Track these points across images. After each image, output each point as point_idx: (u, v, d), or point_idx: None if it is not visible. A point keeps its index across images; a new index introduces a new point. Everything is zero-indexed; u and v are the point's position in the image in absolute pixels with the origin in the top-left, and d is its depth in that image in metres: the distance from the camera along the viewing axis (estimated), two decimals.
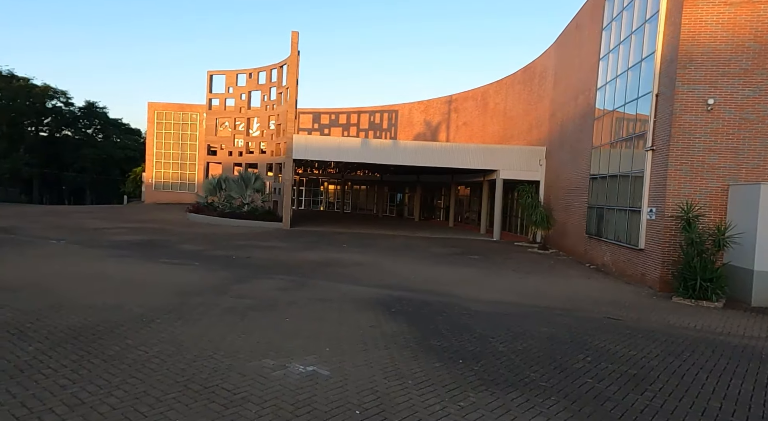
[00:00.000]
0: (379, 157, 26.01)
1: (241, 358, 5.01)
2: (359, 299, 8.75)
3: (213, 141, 35.65)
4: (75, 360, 4.69)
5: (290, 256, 15.88)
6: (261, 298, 8.34)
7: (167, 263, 12.74)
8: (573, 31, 20.49)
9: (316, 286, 10.04)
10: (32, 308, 6.57)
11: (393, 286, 11.02)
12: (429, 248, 19.75)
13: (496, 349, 5.88)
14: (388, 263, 15.12)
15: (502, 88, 31.85)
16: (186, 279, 9.92)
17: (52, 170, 64.53)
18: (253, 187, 28.68)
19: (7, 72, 57.74)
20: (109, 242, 17.44)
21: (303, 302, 8.19)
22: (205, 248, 17.06)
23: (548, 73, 24.32)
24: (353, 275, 12.52)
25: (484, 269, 14.56)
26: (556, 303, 9.87)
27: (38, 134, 65.31)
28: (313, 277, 11.60)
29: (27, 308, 6.52)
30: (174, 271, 11.21)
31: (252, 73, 33.94)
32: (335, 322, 6.84)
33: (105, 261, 12.15)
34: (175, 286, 9.02)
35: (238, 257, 14.99)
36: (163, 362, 4.78)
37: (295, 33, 25.99)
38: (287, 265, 13.79)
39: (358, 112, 46.17)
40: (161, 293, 8.25)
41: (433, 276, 12.93)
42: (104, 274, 10.05)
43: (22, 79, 59.29)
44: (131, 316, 6.48)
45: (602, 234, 15.20)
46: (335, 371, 4.73)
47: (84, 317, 6.27)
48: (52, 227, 22.32)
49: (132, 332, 5.73)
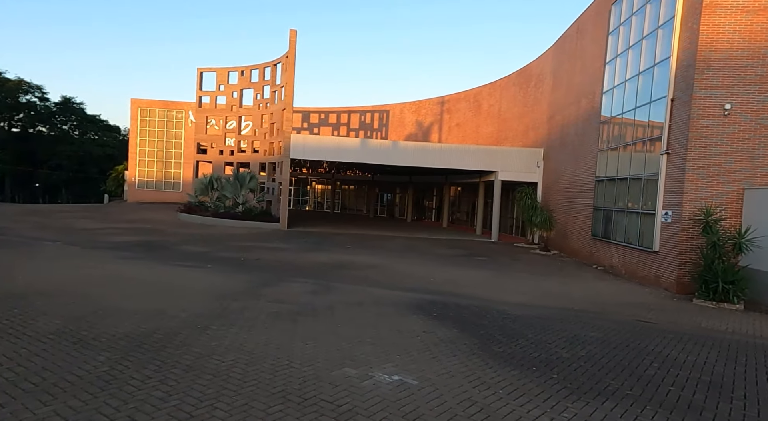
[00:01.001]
0: (378, 158, 25.90)
1: (320, 367, 4.86)
2: (394, 303, 8.65)
3: (203, 139, 34.89)
4: (155, 370, 4.47)
5: (299, 258, 15.65)
6: (297, 302, 8.17)
7: (180, 265, 12.39)
8: (574, 36, 20.79)
9: (343, 290, 9.89)
10: (76, 314, 6.26)
11: (417, 289, 10.95)
12: (433, 250, 19.75)
13: (560, 355, 5.87)
14: (399, 264, 15.04)
15: (496, 90, 32.11)
16: (210, 283, 9.65)
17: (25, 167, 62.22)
18: (247, 187, 28.20)
19: None
20: (107, 243, 16.89)
21: (341, 306, 8.05)
22: (209, 249, 16.68)
23: (546, 77, 24.62)
24: (371, 277, 12.40)
25: (496, 271, 14.63)
26: (583, 306, 9.96)
27: (10, 130, 62.88)
28: (333, 280, 11.43)
29: (71, 315, 6.21)
30: (192, 274, 10.89)
31: (244, 71, 33.35)
32: (388, 328, 6.73)
33: (116, 263, 11.73)
34: (205, 290, 8.76)
35: (246, 259, 14.70)
36: (245, 372, 4.60)
37: (293, 31, 25.66)
38: (301, 267, 13.57)
39: (349, 111, 45.92)
40: (195, 298, 7.99)
41: (450, 278, 12.91)
42: (124, 277, 9.69)
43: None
44: (182, 322, 6.24)
45: (610, 236, 15.46)
46: (422, 381, 4.63)
47: (135, 323, 6.00)
48: (39, 227, 21.50)
49: (193, 340, 5.51)
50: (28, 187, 64.89)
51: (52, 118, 66.22)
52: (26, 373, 4.26)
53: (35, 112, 63.66)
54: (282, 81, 30.57)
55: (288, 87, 25.76)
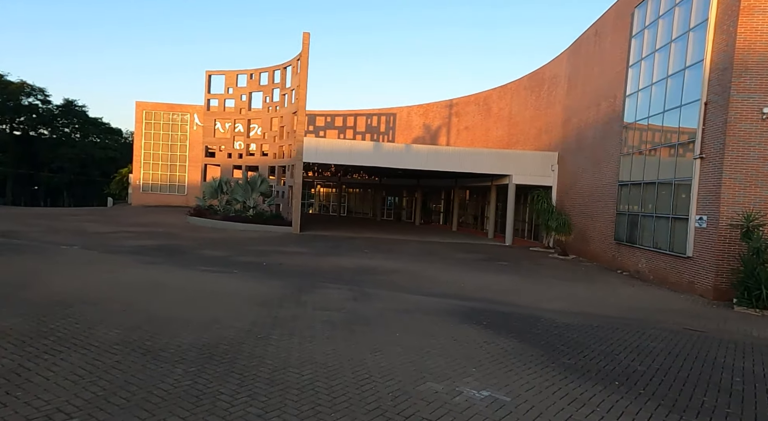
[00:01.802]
0: (391, 161, 25.73)
1: (401, 381, 4.67)
2: (438, 310, 8.46)
3: (211, 143, 34.68)
4: (239, 385, 4.27)
5: (321, 262, 15.45)
6: (344, 310, 7.96)
7: (206, 270, 12.17)
8: (591, 39, 20.71)
9: (381, 296, 9.69)
10: (131, 323, 6.05)
11: (452, 295, 10.77)
12: (451, 254, 19.58)
13: (634, 368, 5.70)
14: (423, 269, 14.85)
15: (506, 94, 32.03)
16: (245, 289, 9.44)
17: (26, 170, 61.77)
18: (258, 190, 27.97)
19: None
20: (124, 247, 16.64)
21: (390, 314, 7.85)
22: (228, 253, 16.47)
23: (560, 80, 24.54)
24: (400, 283, 12.21)
25: (523, 276, 14.45)
26: (626, 313, 9.79)
27: (12, 132, 62.45)
28: (366, 286, 11.24)
29: (127, 324, 6.00)
30: (222, 280, 10.68)
31: (253, 74, 33.17)
32: (446, 337, 6.54)
33: (143, 269, 11.50)
34: (243, 296, 8.55)
35: (269, 264, 14.50)
36: (330, 386, 4.40)
37: (306, 34, 25.50)
38: (327, 273, 13.37)
39: (355, 114, 45.72)
40: (239, 305, 7.79)
41: (480, 284, 12.73)
42: (157, 283, 9.47)
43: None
44: (241, 332, 6.04)
45: (636, 241, 15.31)
46: (514, 397, 4.44)
47: (195, 333, 5.80)
48: (51, 231, 21.23)
49: (261, 351, 5.31)
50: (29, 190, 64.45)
51: (54, 120, 65.82)
52: (111, 387, 4.06)
53: (37, 115, 63.28)
54: (293, 84, 30.40)
55: (301, 90, 25.59)
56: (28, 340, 5.16)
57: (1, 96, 56.83)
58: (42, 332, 5.45)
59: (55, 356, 4.73)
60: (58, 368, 4.41)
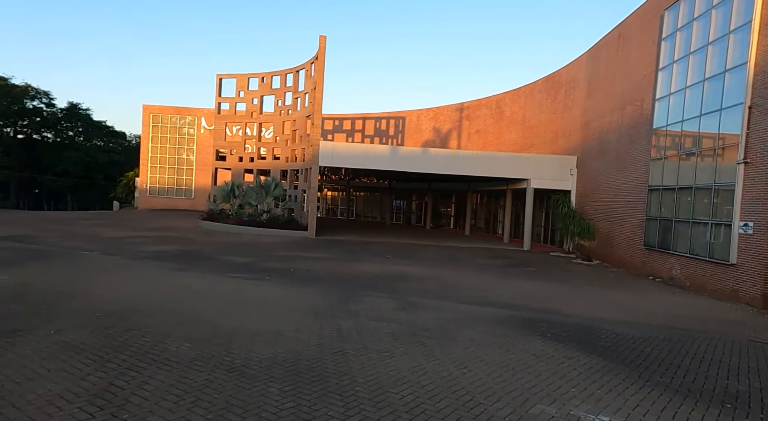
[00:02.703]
0: (408, 165, 25.48)
1: (509, 403, 4.40)
2: (494, 321, 8.19)
3: (222, 146, 34.40)
4: (344, 406, 4.01)
5: (348, 269, 15.17)
6: (400, 321, 7.68)
7: (240, 277, 11.89)
8: (614, 43, 20.53)
9: (428, 305, 9.40)
10: (196, 336, 5.77)
11: (496, 303, 10.50)
12: (474, 259, 19.33)
13: (735, 388, 5.42)
14: (454, 276, 14.57)
15: (520, 97, 31.86)
16: (288, 297, 9.15)
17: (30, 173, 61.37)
18: (272, 194, 27.68)
19: None
20: (146, 253, 16.34)
21: (449, 325, 7.57)
22: (252, 259, 16.19)
23: (579, 83, 24.36)
24: (437, 290, 11.94)
25: (557, 283, 14.18)
26: (681, 323, 9.52)
27: (16, 136, 62.10)
28: (406, 294, 10.97)
29: (192, 337, 5.72)
30: (260, 287, 10.38)
31: (265, 78, 32.95)
32: (522, 351, 6.26)
33: (176, 276, 11.20)
34: (293, 306, 8.27)
35: (296, 270, 14.22)
36: (438, 409, 4.13)
37: (323, 37, 25.29)
38: (359, 279, 13.09)
39: (363, 118, 45.50)
40: (294, 315, 7.51)
41: (517, 291, 12.46)
42: (197, 291, 9.18)
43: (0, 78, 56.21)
44: (312, 346, 5.76)
45: (669, 246, 15.07)
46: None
47: (268, 347, 5.52)
48: (67, 236, 20.91)
49: (344, 367, 5.04)
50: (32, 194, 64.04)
51: (58, 124, 65.50)
52: (217, 409, 3.82)
53: (41, 118, 62.95)
54: (306, 87, 30.18)
55: (317, 93, 25.34)
56: (104, 355, 4.89)
57: (6, 99, 56.49)
58: (114, 346, 5.17)
59: (140, 372, 4.46)
60: (151, 386, 4.14)
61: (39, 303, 7.12)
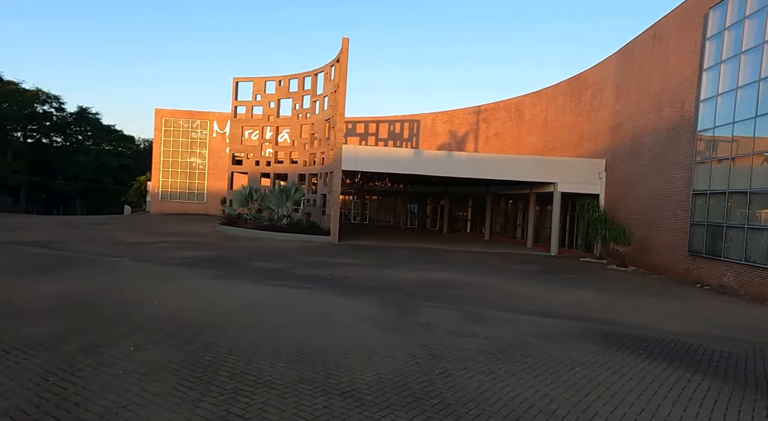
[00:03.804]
0: (432, 169, 25.06)
1: None
2: (575, 335, 7.72)
3: (239, 150, 34.07)
4: None
5: (384, 275, 14.70)
6: (480, 335, 7.22)
7: (282, 285, 11.47)
8: (648, 43, 20.10)
9: (493, 317, 8.91)
10: (286, 354, 5.35)
11: (557, 313, 10.03)
12: (507, 265, 18.87)
13: None
14: (497, 284, 14.10)
15: (541, 100, 31.44)
16: (346, 308, 8.72)
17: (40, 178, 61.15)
18: (293, 198, 27.28)
19: None
20: (174, 259, 15.92)
21: (533, 341, 7.09)
22: (283, 265, 15.77)
23: (607, 85, 23.93)
24: (487, 299, 11.48)
25: (605, 291, 13.67)
26: (759, 336, 9.04)
27: (26, 140, 61.94)
28: (460, 303, 10.52)
29: (282, 355, 5.30)
30: (313, 297, 9.95)
31: (282, 81, 32.63)
32: (635, 373, 5.74)
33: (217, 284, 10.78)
34: (357, 318, 7.84)
35: (334, 278, 13.77)
36: None
37: (345, 39, 24.92)
38: (402, 287, 12.63)
39: (377, 121, 45.13)
40: (365, 328, 7.08)
41: (569, 300, 11.96)
42: (248, 301, 8.75)
43: (11, 83, 56.09)
44: (410, 365, 5.33)
45: (720, 253, 14.56)
46: None
47: (368, 367, 5.10)
48: (90, 240, 20.53)
49: (460, 391, 4.61)
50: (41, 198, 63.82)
51: (68, 128, 65.34)
52: None
53: (51, 123, 62.79)
54: (325, 90, 29.84)
55: (340, 96, 24.95)
56: (201, 376, 4.46)
57: (17, 104, 56.35)
58: (206, 365, 4.75)
59: (251, 397, 4.06)
60: (273, 416, 3.71)
61: (101, 315, 6.70)
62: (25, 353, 4.86)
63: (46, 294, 7.98)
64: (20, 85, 57.11)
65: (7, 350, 4.95)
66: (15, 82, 56.69)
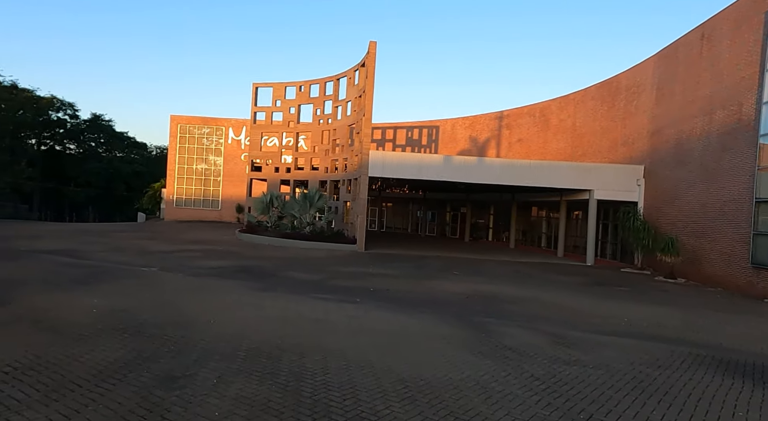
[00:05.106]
0: (462, 175, 24.19)
1: None
2: (687, 362, 6.82)
3: (258, 156, 33.41)
4: None
5: (428, 288, 13.80)
6: (583, 362, 6.35)
7: (330, 299, 10.64)
8: (695, 44, 19.23)
9: (579, 339, 7.99)
10: (388, 387, 4.52)
11: (638, 333, 9.10)
12: (549, 276, 17.93)
13: None
14: (551, 297, 13.11)
15: (568, 104, 30.59)
16: (415, 327, 7.87)
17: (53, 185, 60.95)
18: (316, 206, 26.50)
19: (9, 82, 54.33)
20: (204, 269, 15.16)
21: (649, 370, 6.21)
22: (320, 276, 14.95)
23: (644, 89, 23.05)
24: (552, 316, 10.53)
25: (671, 307, 12.67)
26: None
27: (40, 147, 61.88)
28: (531, 321, 9.63)
29: (385, 389, 4.46)
30: (371, 314, 9.10)
31: (302, 86, 32.00)
32: None
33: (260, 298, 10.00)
34: (435, 339, 7.01)
35: (376, 290, 12.91)
36: None
37: (373, 43, 24.26)
38: (453, 302, 11.72)
39: (395, 127, 44.41)
40: (451, 353, 6.24)
41: (640, 317, 10.94)
42: (314, 319, 7.92)
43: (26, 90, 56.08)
44: (547, 406, 4.45)
45: None
46: None
47: (500, 408, 4.23)
48: (112, 249, 19.82)
49: None
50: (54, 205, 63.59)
51: (81, 135, 65.27)
52: None
53: (65, 130, 62.74)
54: (348, 95, 29.20)
55: (367, 101, 24.22)
56: None
57: (31, 111, 56.32)
58: (310, 406, 3.95)
59: None
60: None
61: (161, 337, 5.90)
62: (99, 387, 4.09)
63: (93, 310, 7.20)
64: (35, 93, 57.20)
65: (78, 382, 4.18)
66: (30, 90, 56.76)
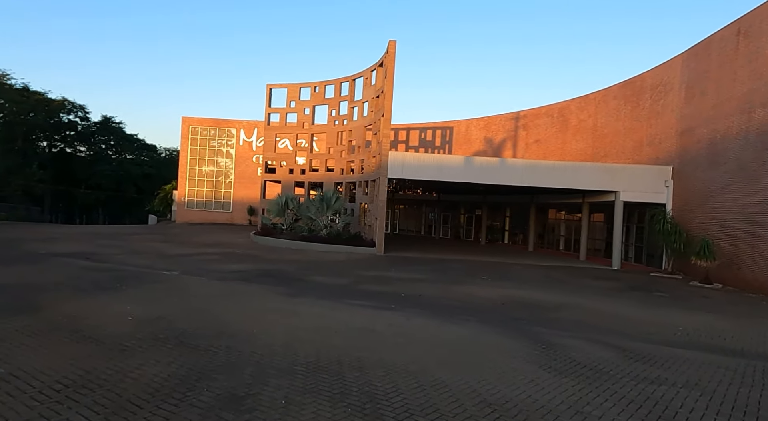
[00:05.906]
0: (483, 177, 23.64)
1: None
2: None
3: (272, 158, 33.00)
4: None
5: (459, 293, 13.21)
6: (669, 382, 5.81)
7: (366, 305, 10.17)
8: (730, 40, 18.59)
9: (643, 351, 7.43)
10: (470, 415, 3.96)
11: (706, 346, 8.51)
12: (580, 281, 17.34)
13: None
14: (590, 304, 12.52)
15: (589, 104, 29.96)
16: (465, 338, 7.39)
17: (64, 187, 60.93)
18: (333, 208, 26.01)
19: (21, 85, 54.35)
20: (226, 273, 14.68)
21: (743, 391, 5.63)
22: (346, 280, 14.45)
23: (672, 88, 22.40)
24: (599, 324, 9.95)
25: (718, 314, 12.06)
26: None
27: (51, 150, 61.92)
28: (582, 332, 9.08)
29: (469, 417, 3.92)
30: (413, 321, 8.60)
31: (317, 87, 31.57)
32: None
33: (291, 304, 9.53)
34: (492, 351, 6.52)
35: (407, 295, 12.37)
36: None
37: (392, 42, 23.77)
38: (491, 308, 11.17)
39: (407, 128, 43.89)
40: (520, 367, 5.74)
41: (689, 326, 10.34)
42: (360, 328, 7.42)
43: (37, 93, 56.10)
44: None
45: None
46: None
47: None
48: (129, 252, 19.41)
49: None
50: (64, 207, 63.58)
51: (92, 137, 65.28)
52: None
53: (75, 132, 62.74)
54: (365, 96, 28.75)
55: (386, 101, 23.72)
56: None
57: (43, 114, 56.33)
58: None
59: None
60: None
61: (206, 348, 5.43)
62: (161, 409, 3.63)
63: (128, 318, 6.75)
64: (47, 95, 57.21)
65: (137, 403, 3.72)
66: (42, 93, 56.78)
